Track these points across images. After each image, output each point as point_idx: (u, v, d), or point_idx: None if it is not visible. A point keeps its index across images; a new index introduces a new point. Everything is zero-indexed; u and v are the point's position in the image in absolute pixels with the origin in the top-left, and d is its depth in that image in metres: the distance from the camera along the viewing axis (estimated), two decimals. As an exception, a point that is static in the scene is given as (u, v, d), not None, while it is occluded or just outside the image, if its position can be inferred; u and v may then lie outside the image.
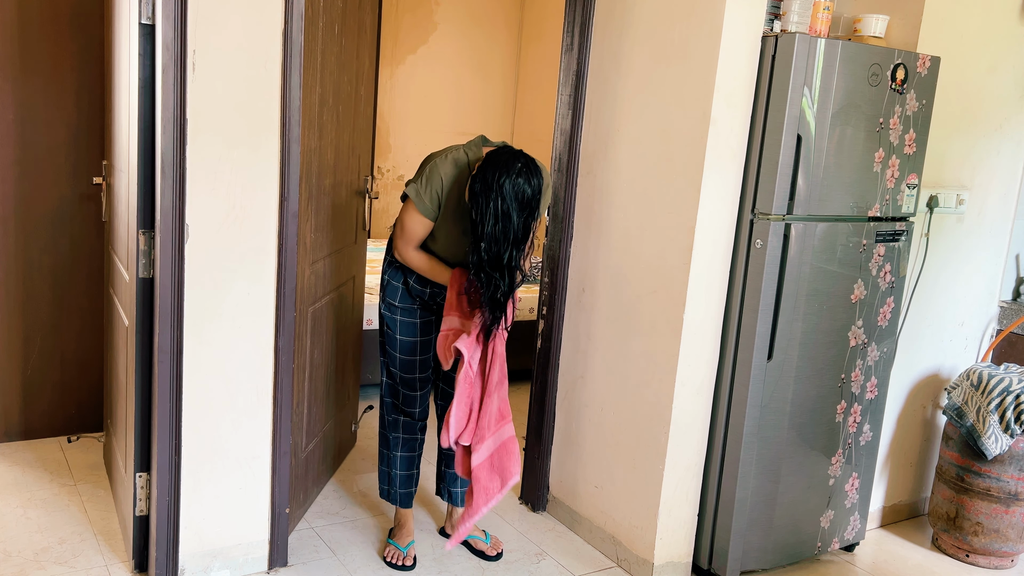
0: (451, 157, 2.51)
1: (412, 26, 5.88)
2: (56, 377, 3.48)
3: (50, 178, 3.34)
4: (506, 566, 2.85)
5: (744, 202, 2.64)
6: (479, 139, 2.57)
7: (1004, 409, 2.96)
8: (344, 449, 3.52)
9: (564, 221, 3.05)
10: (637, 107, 2.77)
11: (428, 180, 2.50)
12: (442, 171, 2.49)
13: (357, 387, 3.59)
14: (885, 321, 2.93)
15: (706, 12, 2.51)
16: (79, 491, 3.08)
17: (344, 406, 3.39)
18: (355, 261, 3.38)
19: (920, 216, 3.07)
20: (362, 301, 3.58)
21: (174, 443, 2.42)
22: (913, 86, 2.77)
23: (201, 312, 2.39)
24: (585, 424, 3.02)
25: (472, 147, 2.53)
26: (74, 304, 3.46)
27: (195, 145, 2.29)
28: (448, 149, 2.54)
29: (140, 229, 2.37)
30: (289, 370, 2.55)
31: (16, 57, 3.21)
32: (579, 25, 2.94)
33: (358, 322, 3.53)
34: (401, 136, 6.03)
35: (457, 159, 2.50)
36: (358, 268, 3.44)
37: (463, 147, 2.53)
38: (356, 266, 3.40)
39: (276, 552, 2.65)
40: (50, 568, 2.58)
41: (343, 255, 3.17)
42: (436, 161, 2.51)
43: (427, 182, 2.50)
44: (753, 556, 2.83)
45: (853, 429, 2.96)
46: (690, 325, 2.62)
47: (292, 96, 2.39)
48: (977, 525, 3.07)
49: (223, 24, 2.27)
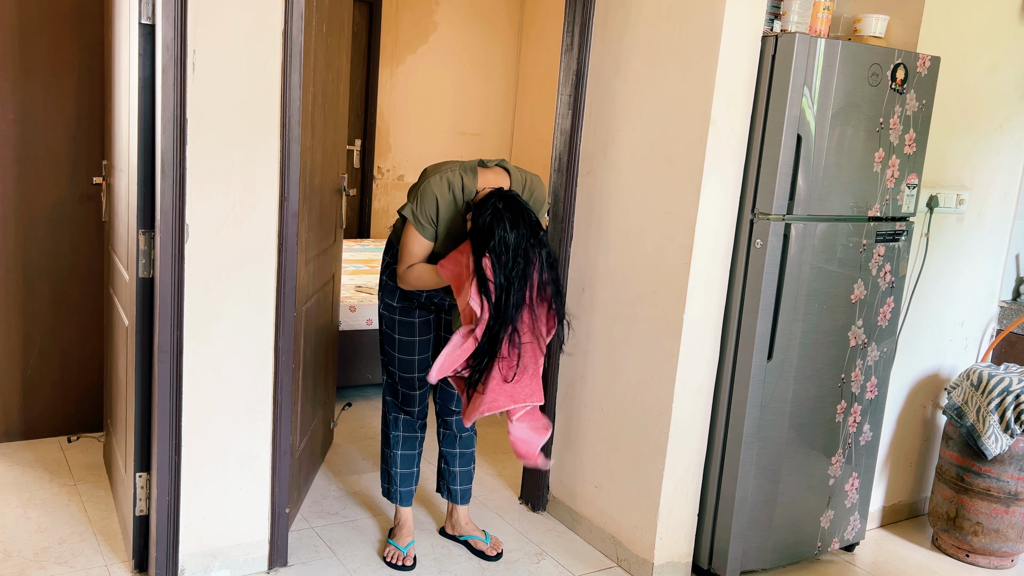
0: (446, 178, 2.47)
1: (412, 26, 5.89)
2: (56, 377, 3.48)
3: (50, 178, 3.34)
4: (506, 566, 2.85)
5: (744, 202, 2.64)
6: (475, 164, 2.54)
7: (1004, 409, 2.96)
8: (324, 447, 3.56)
9: (564, 221, 3.05)
10: (637, 107, 2.77)
11: (422, 202, 2.47)
12: (436, 190, 2.46)
13: (335, 385, 3.62)
14: (885, 321, 2.93)
15: (706, 12, 2.51)
16: (79, 491, 3.08)
17: (325, 404, 3.42)
18: (335, 259, 3.41)
19: (920, 216, 3.07)
20: (339, 299, 3.62)
21: (174, 443, 2.42)
22: (913, 86, 2.77)
23: (201, 312, 2.39)
24: (585, 424, 3.02)
25: (468, 171, 2.50)
26: (74, 304, 3.46)
27: (195, 145, 2.29)
28: (443, 167, 2.52)
29: (140, 229, 2.37)
30: (289, 370, 2.55)
31: (16, 57, 3.21)
32: (579, 25, 2.94)
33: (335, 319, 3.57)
34: (401, 136, 6.04)
35: (452, 181, 2.47)
36: (337, 266, 3.47)
37: (459, 168, 2.51)
38: (336, 264, 3.44)
39: (276, 552, 2.65)
40: (50, 568, 2.58)
41: (328, 254, 3.20)
42: (430, 180, 2.48)
43: (421, 203, 2.47)
44: (753, 556, 2.83)
45: (853, 429, 2.96)
46: (690, 325, 2.62)
47: (292, 96, 2.39)
48: (977, 525, 3.07)
49: (223, 24, 2.27)
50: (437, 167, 2.55)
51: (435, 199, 2.46)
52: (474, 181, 2.49)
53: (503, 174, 2.56)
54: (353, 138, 5.93)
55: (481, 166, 2.54)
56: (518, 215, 2.34)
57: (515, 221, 2.33)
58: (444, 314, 2.72)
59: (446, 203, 2.47)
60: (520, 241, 2.31)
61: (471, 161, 2.56)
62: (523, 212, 2.36)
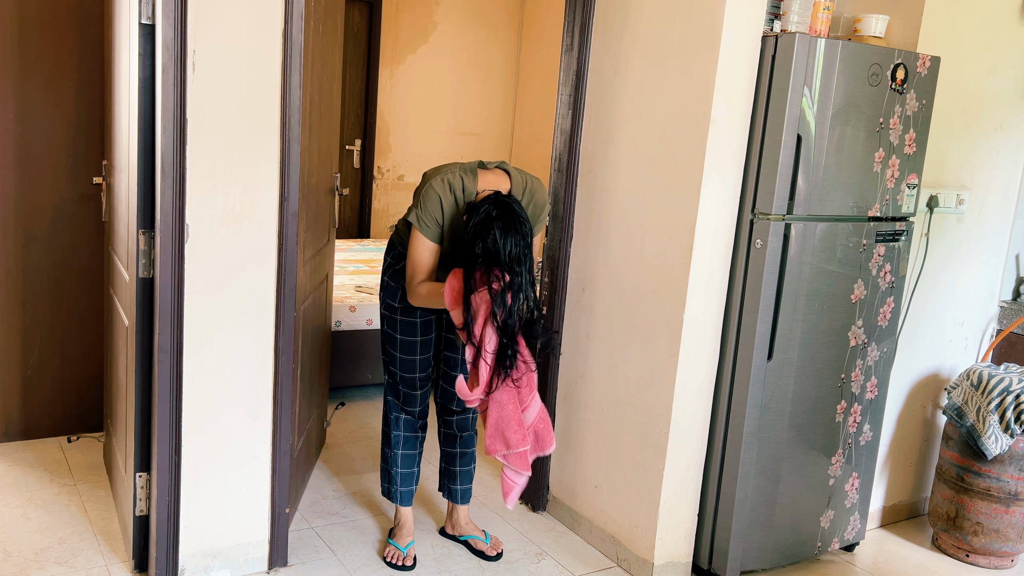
0: (446, 180, 2.48)
1: (412, 26, 5.89)
2: (56, 377, 3.48)
3: (50, 178, 3.34)
4: (506, 566, 2.85)
5: (744, 202, 2.64)
6: (475, 166, 2.54)
7: (1004, 409, 2.96)
8: (319, 446, 3.57)
9: (564, 221, 3.05)
10: (637, 107, 2.77)
11: (425, 204, 2.48)
12: (439, 190, 2.47)
13: (327, 385, 3.63)
14: (885, 321, 2.93)
15: (706, 12, 2.51)
16: (79, 491, 3.08)
17: (319, 404, 3.44)
18: (328, 259, 3.42)
19: (920, 216, 3.07)
20: (332, 299, 3.64)
21: (174, 443, 2.42)
22: (913, 86, 2.77)
23: (201, 312, 2.39)
24: (585, 424, 3.03)
25: (468, 173, 2.50)
26: (74, 304, 3.46)
27: (195, 145, 2.29)
28: (444, 169, 2.53)
29: (140, 229, 2.37)
30: (289, 370, 2.55)
31: (16, 57, 3.21)
32: (579, 25, 2.94)
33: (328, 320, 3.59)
34: (401, 136, 6.04)
35: (452, 183, 2.48)
36: (330, 266, 3.49)
37: (459, 169, 2.51)
38: (328, 264, 3.45)
39: (276, 552, 2.66)
40: (50, 568, 2.58)
41: (322, 254, 3.20)
42: (431, 183, 2.49)
43: (424, 206, 2.48)
44: (753, 556, 2.83)
45: (853, 429, 2.96)
46: (690, 325, 2.63)
47: (292, 96, 2.39)
48: (977, 525, 3.07)
49: (223, 24, 2.28)
50: (437, 170, 2.55)
51: (438, 199, 2.47)
52: (474, 183, 2.49)
53: (503, 176, 2.56)
54: (353, 138, 5.94)
55: (481, 167, 2.54)
56: (509, 223, 2.35)
57: (506, 229, 2.33)
58: (445, 314, 2.72)
59: (448, 203, 2.48)
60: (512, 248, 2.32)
61: (471, 162, 2.56)
62: (516, 221, 2.36)
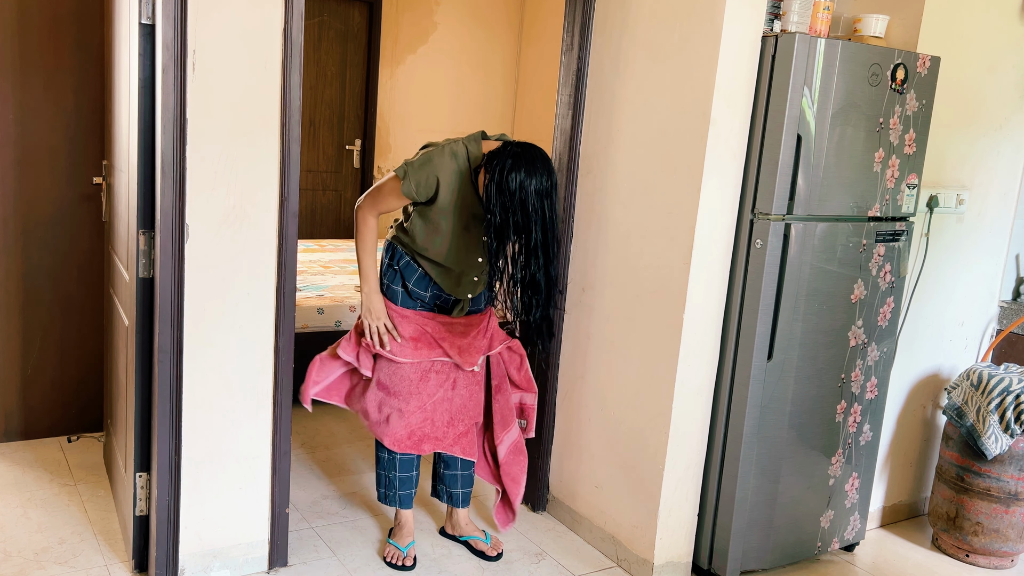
0: (449, 149, 2.48)
1: (412, 26, 5.88)
2: (56, 377, 3.48)
3: (50, 178, 3.34)
4: (506, 566, 2.85)
5: (744, 202, 2.64)
6: (479, 134, 2.55)
7: (1004, 409, 2.96)
8: None
9: (564, 221, 3.05)
10: (637, 107, 2.77)
11: (421, 165, 2.47)
12: (438, 161, 2.47)
13: None
14: (885, 321, 2.93)
15: (706, 12, 2.51)
16: (79, 491, 3.08)
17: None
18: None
19: (920, 216, 3.07)
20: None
21: (174, 443, 2.42)
22: (913, 86, 2.77)
23: (201, 312, 2.39)
24: (585, 424, 3.02)
25: (472, 142, 2.51)
26: (74, 304, 3.46)
27: (195, 145, 2.29)
28: (447, 141, 2.53)
29: (140, 229, 2.37)
30: (289, 370, 2.55)
31: (16, 57, 3.21)
32: (579, 25, 2.94)
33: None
34: (401, 136, 6.03)
35: (456, 152, 2.48)
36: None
37: (463, 140, 2.52)
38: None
39: (276, 552, 2.65)
40: (50, 568, 2.58)
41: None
42: (433, 151, 2.49)
43: (420, 167, 2.47)
44: (753, 556, 2.83)
45: (853, 429, 2.96)
46: (690, 325, 2.62)
47: (292, 96, 2.39)
48: (977, 525, 3.07)
49: (223, 24, 2.27)
50: (439, 143, 2.56)
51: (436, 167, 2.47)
52: (479, 147, 2.50)
53: None
54: (353, 138, 5.93)
55: (484, 138, 2.55)
56: (534, 159, 2.39)
57: (532, 168, 2.38)
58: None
59: (451, 172, 2.47)
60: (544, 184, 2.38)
61: (474, 133, 2.57)
62: (541, 158, 2.42)
